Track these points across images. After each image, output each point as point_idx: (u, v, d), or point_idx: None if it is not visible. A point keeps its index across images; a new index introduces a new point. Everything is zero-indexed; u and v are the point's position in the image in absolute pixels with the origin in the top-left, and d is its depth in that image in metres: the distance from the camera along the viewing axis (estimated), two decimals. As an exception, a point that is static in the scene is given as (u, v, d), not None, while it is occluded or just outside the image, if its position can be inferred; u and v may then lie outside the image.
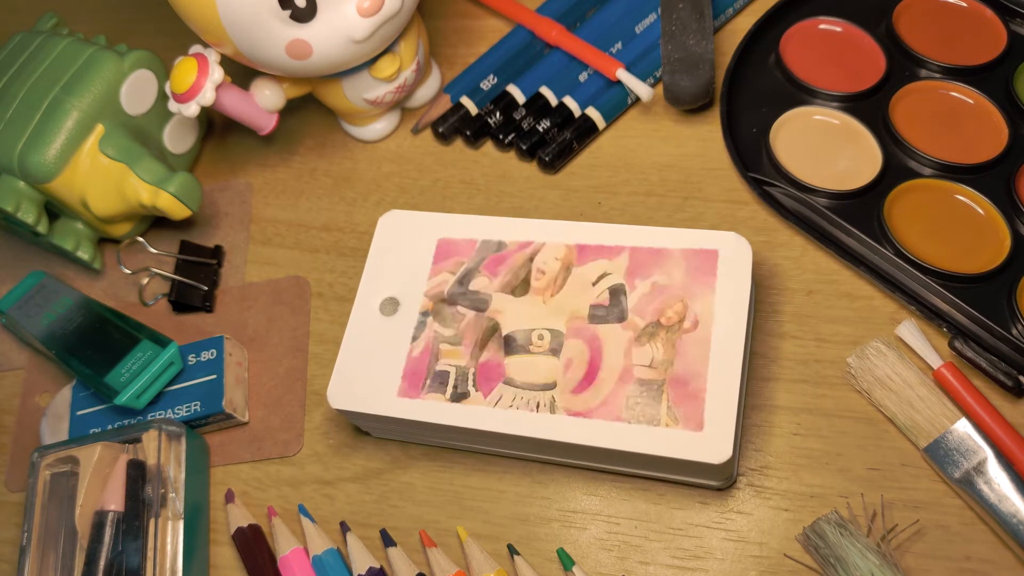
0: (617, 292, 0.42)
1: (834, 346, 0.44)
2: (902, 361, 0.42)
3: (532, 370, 0.41)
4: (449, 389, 0.42)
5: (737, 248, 0.42)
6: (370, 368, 0.44)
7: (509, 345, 0.42)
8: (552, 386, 0.41)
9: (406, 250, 0.46)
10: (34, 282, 0.52)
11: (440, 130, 0.54)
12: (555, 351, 0.41)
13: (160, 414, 0.47)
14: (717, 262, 0.42)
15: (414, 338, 0.43)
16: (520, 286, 0.43)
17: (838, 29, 0.52)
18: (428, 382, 0.42)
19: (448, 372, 0.42)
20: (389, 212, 0.48)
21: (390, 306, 0.45)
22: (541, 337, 0.41)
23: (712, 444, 0.38)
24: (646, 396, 0.40)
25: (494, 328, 0.42)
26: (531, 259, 0.43)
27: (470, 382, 0.42)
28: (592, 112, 0.52)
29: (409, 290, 0.45)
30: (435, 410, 0.42)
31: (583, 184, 0.51)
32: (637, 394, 0.40)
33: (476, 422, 0.41)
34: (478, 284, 0.44)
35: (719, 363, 0.40)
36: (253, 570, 0.44)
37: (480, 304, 0.43)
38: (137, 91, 0.51)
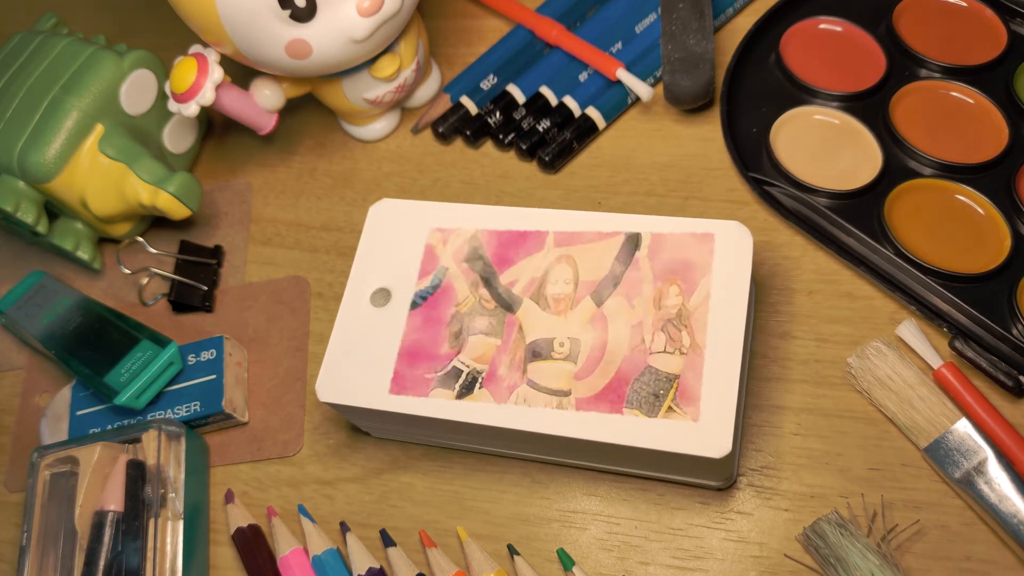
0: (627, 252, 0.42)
1: (834, 346, 0.44)
2: (902, 361, 0.42)
3: (553, 375, 0.41)
4: (457, 385, 0.41)
5: (738, 236, 0.41)
6: (361, 361, 0.43)
7: (535, 351, 0.41)
8: (567, 392, 0.40)
9: (398, 240, 0.46)
10: (34, 282, 0.52)
11: (440, 130, 0.54)
12: (572, 358, 0.41)
13: (160, 414, 0.47)
14: (714, 247, 0.41)
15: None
16: (541, 298, 0.42)
17: (838, 29, 0.52)
18: (438, 375, 0.42)
19: (461, 370, 0.42)
20: (380, 201, 0.47)
21: (381, 297, 0.44)
22: (562, 344, 0.41)
23: (712, 437, 0.38)
24: (652, 385, 0.39)
25: (521, 332, 0.42)
26: (544, 275, 0.43)
27: (478, 383, 0.41)
28: (592, 112, 0.52)
29: (401, 281, 0.44)
30: (425, 404, 0.41)
31: (583, 184, 0.51)
32: (645, 382, 0.40)
33: (468, 416, 0.40)
34: (505, 281, 0.43)
35: (718, 355, 0.39)
36: (253, 570, 0.44)
37: (511, 304, 0.43)
38: (137, 91, 0.51)
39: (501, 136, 0.53)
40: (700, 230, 0.42)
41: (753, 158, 0.49)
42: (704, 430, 0.38)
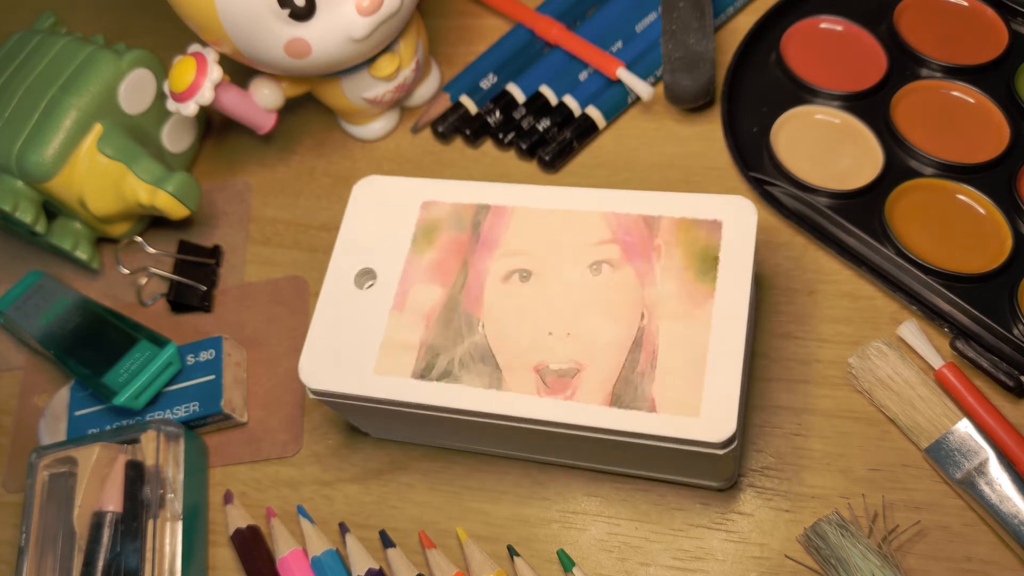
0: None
1: (835, 346, 0.44)
2: (903, 361, 0.42)
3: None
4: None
5: (741, 212, 0.40)
6: (345, 345, 0.41)
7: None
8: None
9: (385, 218, 0.44)
10: (32, 282, 0.52)
11: (439, 129, 0.54)
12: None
13: (158, 414, 0.47)
14: (722, 230, 0.40)
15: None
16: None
17: (839, 28, 0.52)
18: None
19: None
20: (366, 178, 0.45)
21: (366, 278, 0.43)
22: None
23: (712, 424, 0.36)
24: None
25: None
26: None
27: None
28: (592, 111, 0.52)
29: (388, 260, 0.43)
30: (412, 389, 0.39)
31: (583, 183, 0.51)
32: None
33: (455, 402, 0.39)
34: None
35: (720, 337, 0.38)
36: (252, 571, 0.44)
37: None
38: (135, 90, 0.51)
39: (501, 135, 0.53)
40: (701, 205, 0.41)
41: (754, 158, 0.49)
42: (704, 416, 0.36)
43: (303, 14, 0.45)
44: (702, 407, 0.37)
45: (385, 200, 0.45)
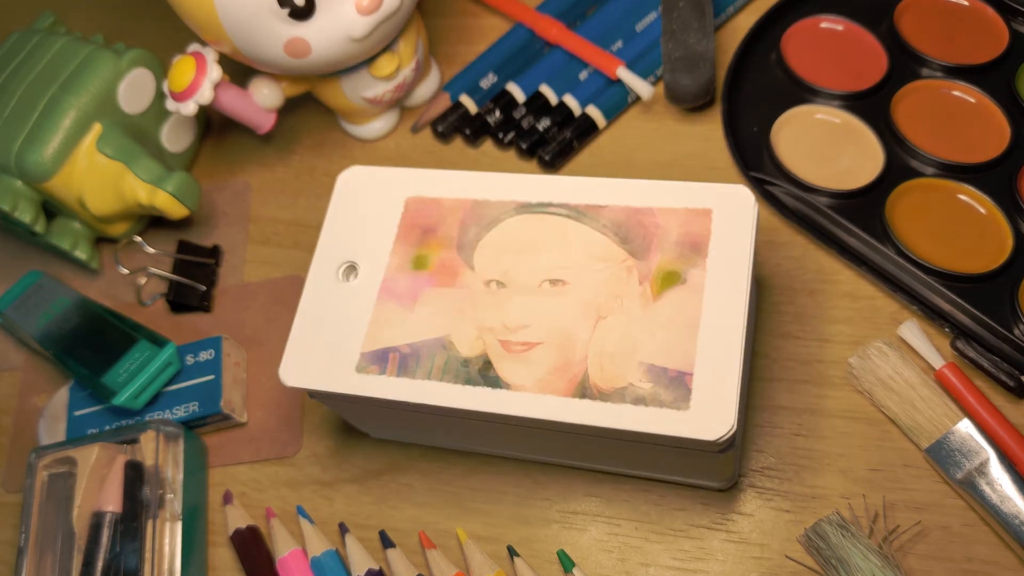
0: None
1: (836, 346, 0.44)
2: (904, 362, 0.42)
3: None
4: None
5: (740, 201, 0.39)
6: (328, 341, 0.40)
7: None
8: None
9: (370, 210, 0.43)
10: (31, 282, 0.52)
11: (439, 129, 0.54)
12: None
13: (158, 415, 0.47)
14: (712, 219, 0.39)
15: None
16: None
17: (839, 27, 0.52)
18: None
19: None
20: (350, 168, 0.44)
21: (350, 272, 0.42)
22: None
23: (708, 420, 0.35)
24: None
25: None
26: None
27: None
28: (592, 111, 0.52)
29: (372, 254, 0.42)
30: (398, 387, 0.39)
31: (583, 183, 0.51)
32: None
33: (444, 399, 0.38)
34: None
35: (717, 334, 0.37)
36: (251, 572, 0.44)
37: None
38: (135, 90, 0.51)
39: (501, 135, 0.53)
40: (698, 195, 0.40)
41: (754, 157, 0.49)
42: (700, 412, 0.36)
43: (303, 13, 0.45)
44: (702, 405, 0.36)
45: (370, 192, 0.44)
